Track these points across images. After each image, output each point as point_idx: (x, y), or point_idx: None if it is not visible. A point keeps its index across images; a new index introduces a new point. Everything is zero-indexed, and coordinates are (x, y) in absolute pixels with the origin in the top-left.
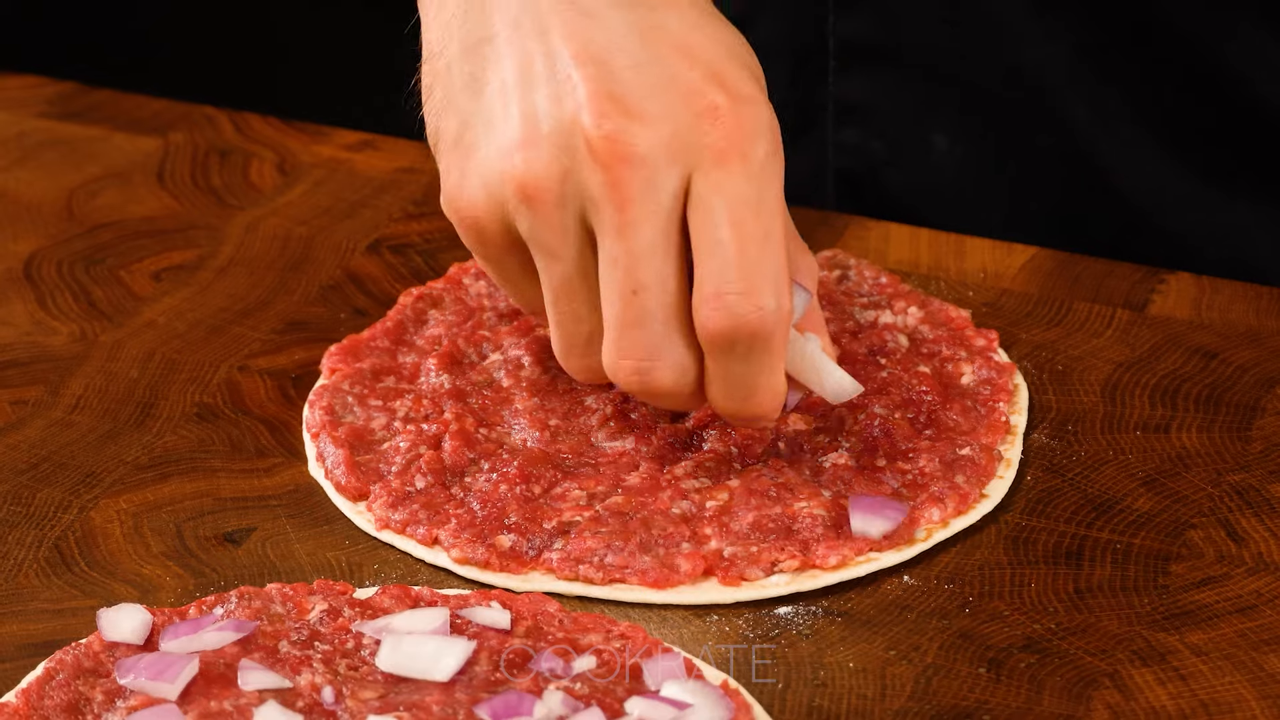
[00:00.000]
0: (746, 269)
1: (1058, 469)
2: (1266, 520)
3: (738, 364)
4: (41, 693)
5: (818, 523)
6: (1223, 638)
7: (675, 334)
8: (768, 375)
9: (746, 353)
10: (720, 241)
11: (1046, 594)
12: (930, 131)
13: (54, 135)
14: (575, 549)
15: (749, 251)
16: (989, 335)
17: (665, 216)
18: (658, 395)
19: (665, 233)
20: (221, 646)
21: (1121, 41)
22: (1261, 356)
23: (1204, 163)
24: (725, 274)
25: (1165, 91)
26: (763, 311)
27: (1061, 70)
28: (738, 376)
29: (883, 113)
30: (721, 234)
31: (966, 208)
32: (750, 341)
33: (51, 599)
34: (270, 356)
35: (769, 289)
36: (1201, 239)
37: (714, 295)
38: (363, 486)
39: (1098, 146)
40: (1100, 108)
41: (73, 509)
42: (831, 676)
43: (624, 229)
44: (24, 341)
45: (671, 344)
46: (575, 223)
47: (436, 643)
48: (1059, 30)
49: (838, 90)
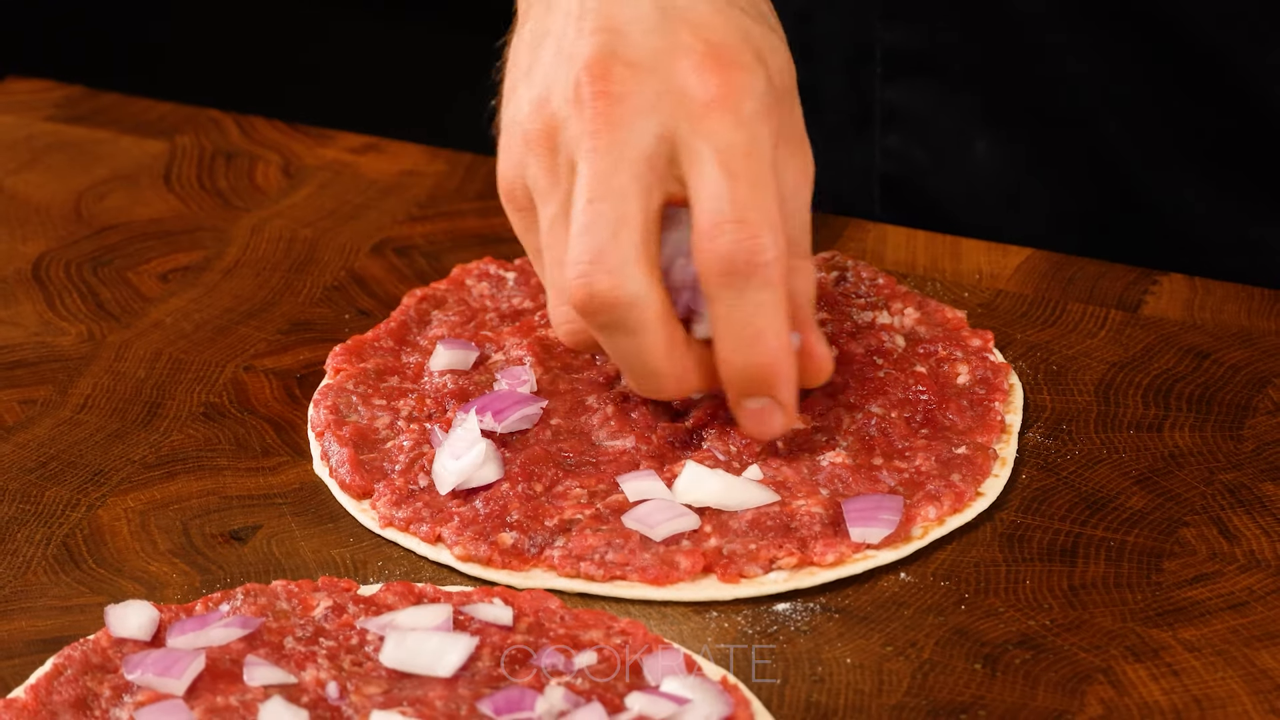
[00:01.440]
0: (740, 206)
1: (1052, 467)
2: (1258, 518)
3: (739, 302)
4: (50, 688)
5: (815, 520)
6: (1215, 634)
7: (627, 249)
8: (770, 314)
9: (745, 286)
10: (713, 180)
11: (1041, 591)
12: (972, 139)
13: (62, 138)
14: (576, 546)
15: (741, 191)
16: (984, 336)
17: (637, 154)
18: (602, 306)
19: (634, 170)
20: (227, 643)
21: (1157, 55)
22: (1253, 357)
23: (1236, 177)
24: (720, 209)
25: (1198, 105)
26: (759, 242)
27: (1097, 82)
28: (741, 317)
29: (926, 120)
30: (712, 175)
31: (1005, 215)
32: (748, 273)
33: (60, 596)
34: (276, 356)
35: (764, 226)
36: (1230, 251)
37: (711, 227)
38: (367, 485)
39: (1131, 156)
40: (1137, 121)
41: (81, 507)
42: (829, 672)
43: (592, 153)
44: (33, 342)
45: (619, 252)
46: (567, 168)
47: (440, 639)
48: (1096, 43)
49: (882, 97)
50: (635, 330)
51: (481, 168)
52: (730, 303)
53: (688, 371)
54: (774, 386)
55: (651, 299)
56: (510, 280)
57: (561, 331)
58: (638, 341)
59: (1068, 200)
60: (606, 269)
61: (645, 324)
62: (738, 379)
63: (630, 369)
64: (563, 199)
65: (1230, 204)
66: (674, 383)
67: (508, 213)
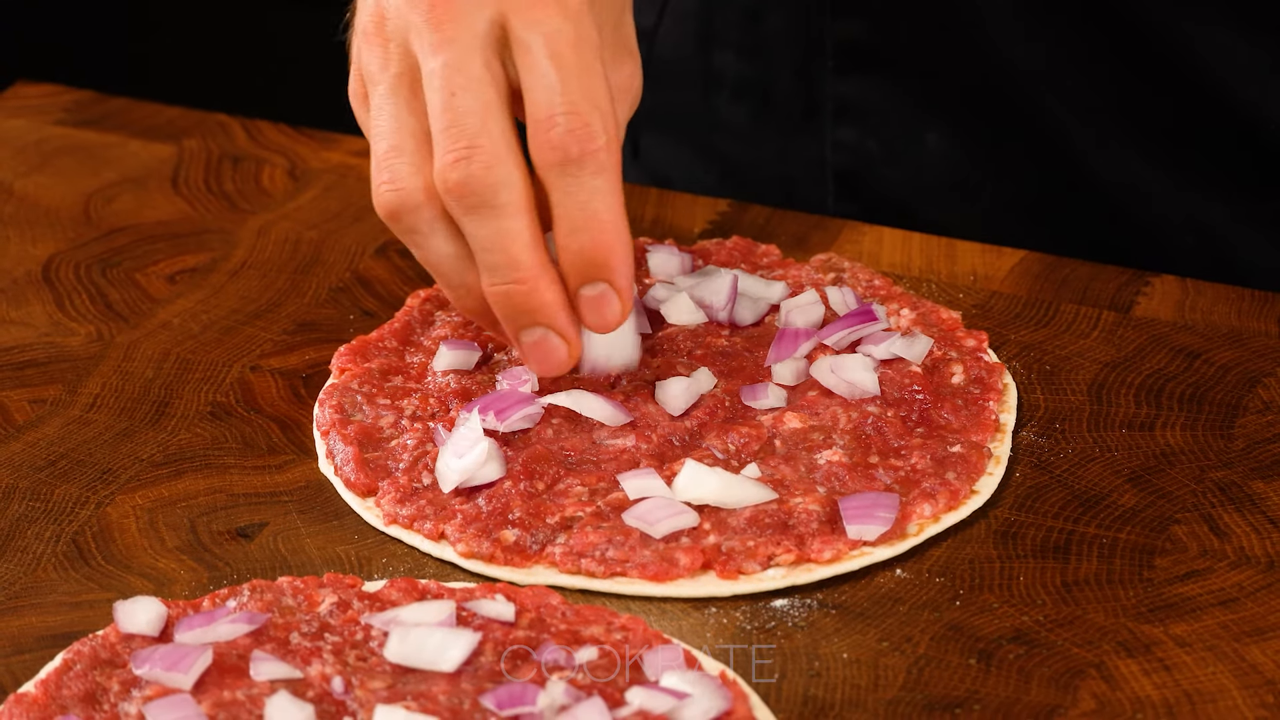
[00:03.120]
0: (570, 95)
1: (1046, 466)
2: (1248, 515)
3: (574, 188)
4: (60, 683)
5: (813, 518)
6: (1206, 629)
7: (496, 134)
8: (604, 198)
9: (578, 171)
10: (543, 73)
11: (1035, 587)
12: (923, 131)
13: (72, 142)
14: (577, 543)
15: (570, 81)
16: (979, 336)
17: (480, 42)
18: (479, 187)
19: (482, 57)
20: (234, 638)
21: (1104, 45)
22: (1243, 357)
23: (1183, 163)
24: (551, 100)
25: (1146, 94)
26: (590, 129)
27: (1047, 73)
28: (576, 203)
29: (877, 113)
30: (542, 67)
31: (956, 204)
32: (581, 159)
33: (69, 592)
34: (281, 356)
35: (595, 114)
36: (1181, 236)
37: (545, 119)
38: (371, 483)
39: (1081, 146)
40: (1084, 109)
41: (90, 505)
42: (826, 667)
43: (438, 46)
44: (43, 342)
45: (490, 138)
46: (398, 52)
47: (443, 634)
48: (1043, 32)
49: (834, 91)
50: (504, 212)
51: None
52: (565, 189)
53: (546, 267)
54: (610, 270)
55: (522, 182)
56: None
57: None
58: (505, 224)
59: (1019, 189)
60: (482, 152)
61: (514, 206)
62: (576, 263)
63: (491, 259)
64: (392, 79)
65: (1180, 188)
66: (533, 278)
67: (354, 110)
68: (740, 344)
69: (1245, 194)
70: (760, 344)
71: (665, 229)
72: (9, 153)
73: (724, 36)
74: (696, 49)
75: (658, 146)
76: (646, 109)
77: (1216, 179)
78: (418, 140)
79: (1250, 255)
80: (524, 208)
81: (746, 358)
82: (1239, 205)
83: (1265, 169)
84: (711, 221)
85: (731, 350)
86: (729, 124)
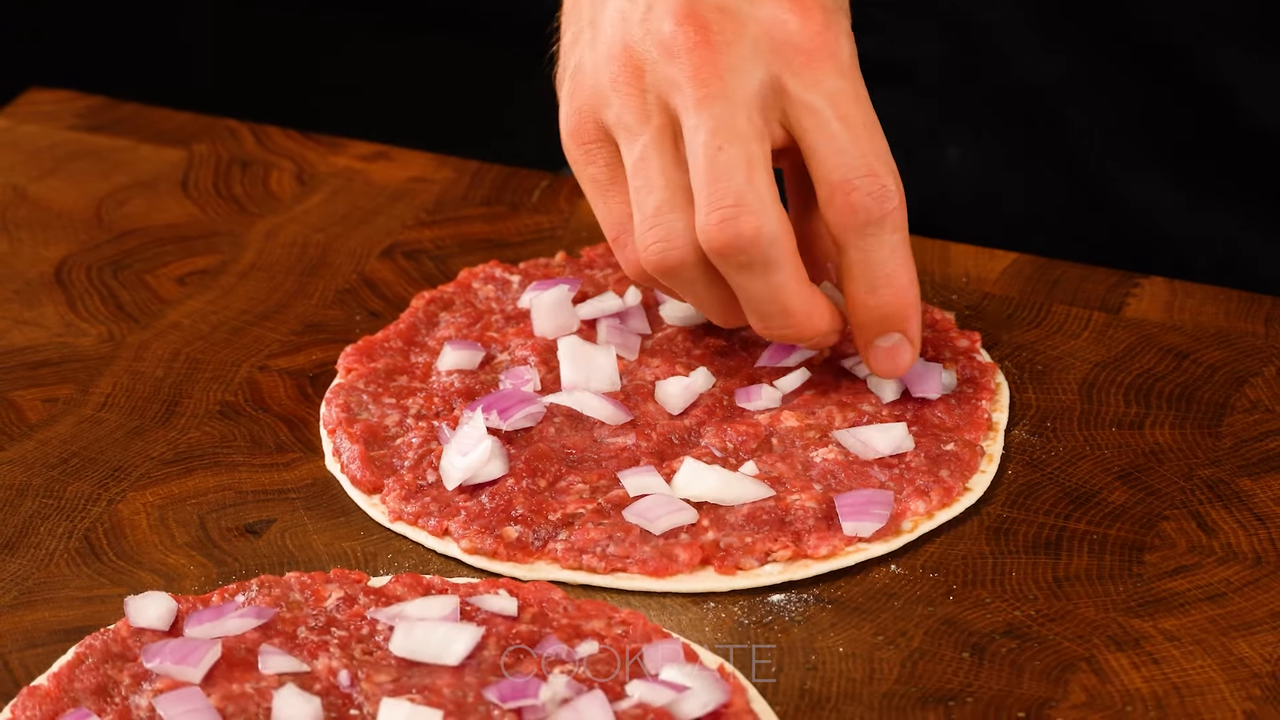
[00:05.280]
0: (864, 157)
1: (1037, 464)
2: (1235, 512)
3: (872, 247)
4: (72, 676)
5: (809, 515)
6: (1194, 624)
7: (762, 190)
8: (901, 255)
9: (878, 232)
10: (833, 135)
11: (1026, 582)
12: (944, 145)
13: (84, 146)
14: (579, 539)
15: (861, 139)
16: (972, 336)
17: (750, 100)
18: (747, 246)
19: (748, 114)
20: (243, 632)
21: (1121, 61)
22: (1231, 357)
23: (1201, 179)
24: (846, 163)
25: (1159, 105)
26: (887, 190)
27: (1065, 85)
28: (875, 261)
29: (899, 128)
30: (832, 128)
31: (977, 218)
32: (881, 220)
33: (81, 587)
34: (289, 357)
35: (889, 175)
36: (1200, 251)
37: (842, 183)
38: (377, 480)
39: (1102, 157)
40: (1102, 123)
41: (101, 502)
42: (822, 660)
43: (705, 101)
44: (55, 342)
45: (756, 194)
46: (656, 105)
47: (447, 629)
48: (1061, 47)
49: None
50: (774, 267)
51: (487, 174)
52: (864, 249)
53: (817, 308)
54: (906, 322)
55: (788, 237)
56: (515, 283)
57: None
58: (775, 279)
59: (1040, 202)
60: (749, 210)
61: (783, 261)
62: (872, 319)
63: (763, 308)
64: (655, 133)
65: (1200, 201)
66: (804, 319)
67: (569, 149)
68: (738, 344)
69: (1264, 209)
70: (758, 344)
71: None
72: (22, 157)
73: None
74: None
75: None
76: None
77: (1235, 194)
78: (686, 197)
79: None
80: (790, 258)
81: (744, 358)
82: (1258, 220)
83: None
84: None
85: (730, 350)
86: None
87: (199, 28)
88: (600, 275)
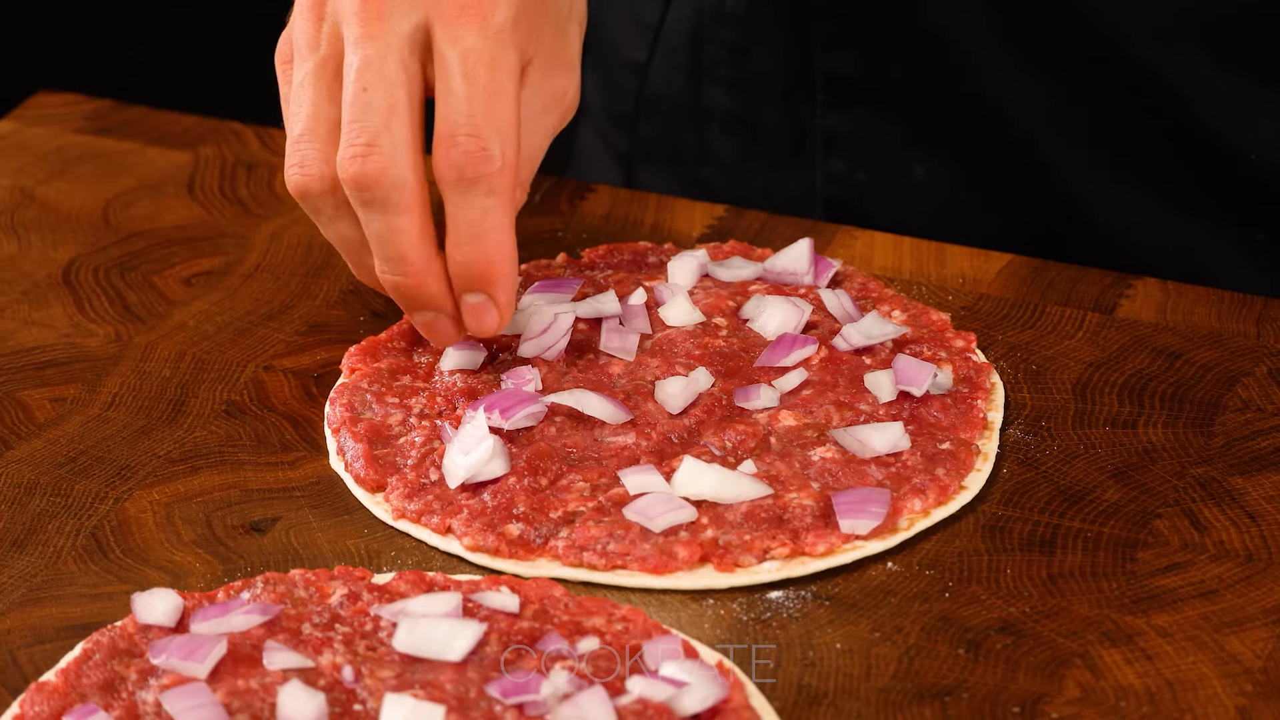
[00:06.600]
0: (474, 116)
1: (1032, 462)
2: (1228, 510)
3: (466, 203)
4: (79, 672)
5: (807, 513)
6: (1187, 620)
7: (398, 135)
8: (493, 218)
9: (471, 190)
10: (453, 90)
11: (1021, 579)
12: (911, 163)
13: (91, 149)
14: (579, 537)
15: (476, 99)
16: (967, 337)
17: (401, 44)
18: (372, 184)
19: (400, 58)
20: (248, 629)
21: (1089, 80)
22: (1223, 357)
23: (1163, 189)
24: (456, 119)
25: (1126, 123)
26: (487, 154)
27: (1031, 102)
28: (467, 217)
29: (865, 145)
30: (454, 83)
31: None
32: (475, 180)
33: (89, 584)
34: (294, 357)
35: (495, 138)
36: (1163, 261)
37: (446, 136)
38: (380, 479)
39: (1068, 173)
40: (1070, 142)
41: (109, 500)
42: (820, 656)
43: (362, 40)
44: (63, 343)
45: (391, 138)
46: (330, 34)
47: (449, 625)
48: (1027, 64)
49: (824, 124)
50: (396, 210)
51: None
52: (457, 204)
53: (432, 263)
54: (491, 283)
55: (415, 184)
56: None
57: (293, 178)
58: (395, 222)
59: (1006, 218)
60: (379, 152)
61: (405, 205)
62: (461, 272)
63: (383, 251)
64: (318, 62)
65: (1172, 217)
66: (420, 272)
67: (276, 70)
68: (737, 344)
69: (1229, 223)
70: (757, 344)
71: (664, 233)
72: (30, 160)
73: (714, 71)
74: (687, 83)
75: (650, 178)
76: (639, 142)
77: (1203, 208)
78: (330, 128)
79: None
80: (414, 207)
81: (743, 358)
82: (1224, 234)
83: (1247, 198)
84: (709, 226)
85: (729, 350)
86: (719, 157)
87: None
88: (600, 276)
